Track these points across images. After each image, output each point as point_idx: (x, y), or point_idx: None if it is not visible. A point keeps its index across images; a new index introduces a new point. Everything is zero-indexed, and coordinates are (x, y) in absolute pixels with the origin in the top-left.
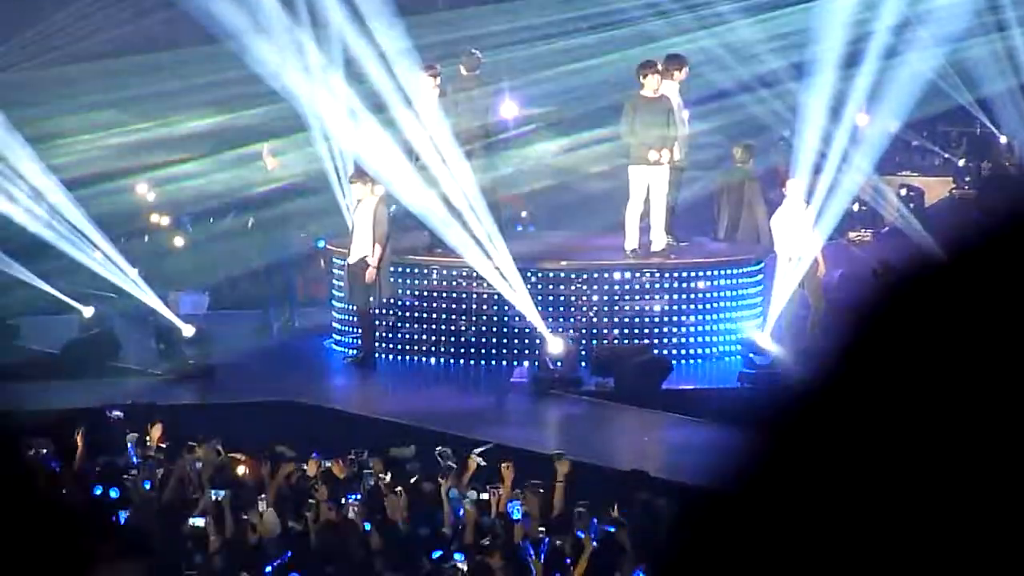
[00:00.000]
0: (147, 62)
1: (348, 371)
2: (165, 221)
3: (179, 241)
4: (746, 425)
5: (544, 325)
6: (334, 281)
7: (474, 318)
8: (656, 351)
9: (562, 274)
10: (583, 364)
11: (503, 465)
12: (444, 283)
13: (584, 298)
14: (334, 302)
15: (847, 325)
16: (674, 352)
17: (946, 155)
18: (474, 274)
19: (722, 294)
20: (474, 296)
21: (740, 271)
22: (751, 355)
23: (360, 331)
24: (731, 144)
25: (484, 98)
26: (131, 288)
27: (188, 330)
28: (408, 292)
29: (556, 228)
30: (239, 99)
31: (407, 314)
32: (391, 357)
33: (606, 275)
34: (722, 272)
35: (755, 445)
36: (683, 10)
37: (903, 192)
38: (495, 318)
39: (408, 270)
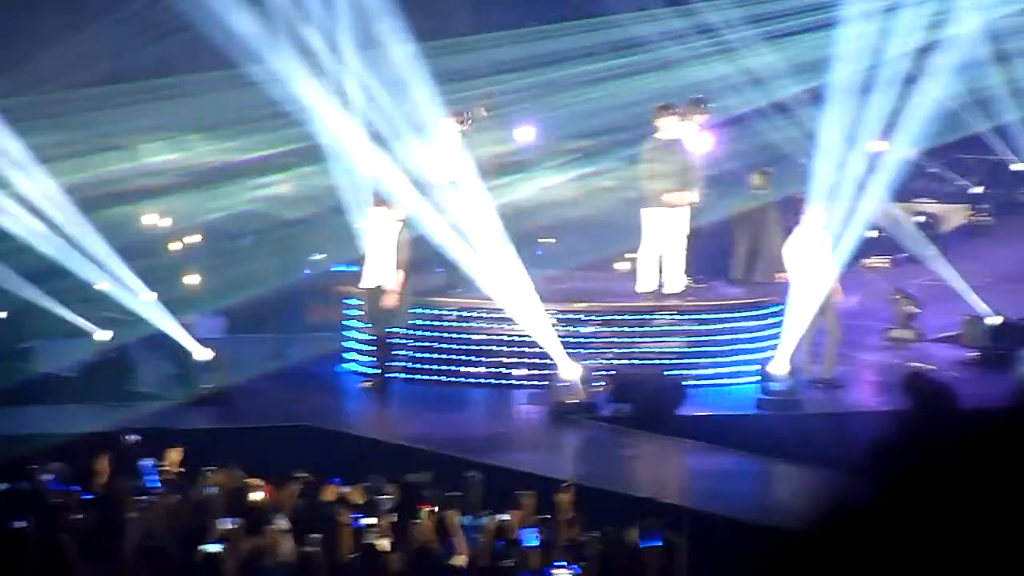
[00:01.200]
0: (163, 86)
1: (364, 396)
2: (181, 245)
3: (194, 265)
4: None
5: (561, 351)
6: (348, 305)
7: (490, 347)
8: (671, 376)
9: (581, 316)
10: (599, 390)
11: (520, 492)
12: (462, 320)
13: (602, 339)
14: (349, 325)
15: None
16: (691, 382)
17: (962, 182)
18: (492, 311)
19: (740, 336)
20: (492, 329)
21: (758, 313)
22: (768, 382)
23: (376, 356)
24: (747, 171)
25: (501, 131)
26: (148, 312)
27: (205, 354)
28: (425, 325)
29: (573, 256)
30: (252, 125)
31: (423, 343)
32: (406, 382)
33: (623, 317)
34: (741, 315)
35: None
36: (700, 36)
37: (919, 219)
38: (511, 346)
39: (426, 310)
